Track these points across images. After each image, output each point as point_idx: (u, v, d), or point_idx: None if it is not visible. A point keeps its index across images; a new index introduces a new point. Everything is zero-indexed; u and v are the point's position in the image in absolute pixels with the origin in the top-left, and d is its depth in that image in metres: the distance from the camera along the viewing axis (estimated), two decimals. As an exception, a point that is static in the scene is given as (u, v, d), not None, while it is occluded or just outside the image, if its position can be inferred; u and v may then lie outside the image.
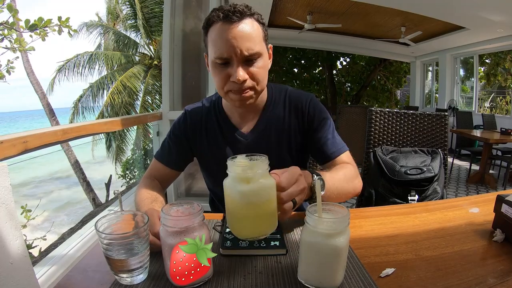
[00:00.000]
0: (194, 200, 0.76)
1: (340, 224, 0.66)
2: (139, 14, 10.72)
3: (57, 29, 2.90)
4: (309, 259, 0.69)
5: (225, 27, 0.97)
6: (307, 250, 0.69)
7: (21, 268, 0.64)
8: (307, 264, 0.70)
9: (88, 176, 10.49)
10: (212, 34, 1.01)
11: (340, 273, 0.68)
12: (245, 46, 0.97)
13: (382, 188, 1.79)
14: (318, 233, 0.66)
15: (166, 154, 1.26)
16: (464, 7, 5.63)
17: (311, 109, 1.22)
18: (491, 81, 10.39)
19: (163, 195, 1.15)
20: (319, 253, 0.67)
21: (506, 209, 0.87)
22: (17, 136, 1.30)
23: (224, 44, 0.97)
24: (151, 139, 9.01)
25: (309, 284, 0.69)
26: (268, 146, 1.21)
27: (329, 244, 0.65)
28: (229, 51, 0.98)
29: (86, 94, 11.05)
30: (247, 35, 0.98)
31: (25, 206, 3.42)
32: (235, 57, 0.99)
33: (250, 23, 0.99)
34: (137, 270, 0.71)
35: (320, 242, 0.66)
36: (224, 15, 0.96)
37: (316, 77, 14.73)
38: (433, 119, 1.92)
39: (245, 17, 0.98)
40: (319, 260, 0.67)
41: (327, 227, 0.66)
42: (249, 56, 1.00)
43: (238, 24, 0.97)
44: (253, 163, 0.80)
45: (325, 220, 0.67)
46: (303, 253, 0.71)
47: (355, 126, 4.42)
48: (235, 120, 1.22)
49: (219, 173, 1.26)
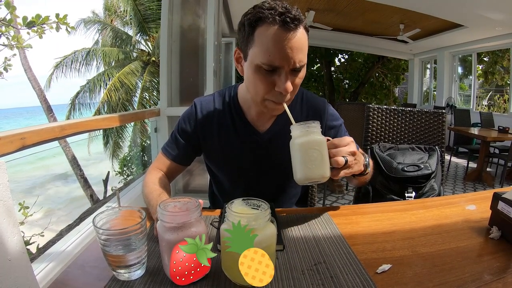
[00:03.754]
0: (192, 197, 0.76)
1: (313, 127, 0.87)
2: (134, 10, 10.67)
3: (55, 26, 2.89)
4: (303, 158, 0.86)
5: (282, 34, 0.90)
6: (299, 151, 0.86)
7: (19, 264, 0.64)
8: (303, 164, 0.86)
9: (86, 173, 10.48)
10: (263, 36, 0.92)
11: (328, 163, 0.86)
12: (298, 58, 0.93)
13: (379, 185, 1.80)
14: (301, 135, 0.87)
15: (172, 148, 1.23)
16: (462, 5, 5.63)
17: (329, 116, 1.23)
18: (489, 79, 10.42)
19: (169, 188, 1.16)
20: (310, 149, 0.85)
21: (503, 206, 0.87)
22: (14, 133, 1.30)
23: (279, 52, 0.91)
24: (148, 135, 9.00)
25: (310, 181, 0.87)
26: (283, 147, 1.20)
27: (314, 137, 0.86)
28: (283, 61, 0.92)
29: (83, 90, 11.01)
30: (301, 46, 0.93)
31: (23, 203, 3.42)
32: (286, 67, 0.94)
33: (304, 33, 0.95)
34: (134, 266, 0.71)
35: (307, 139, 0.86)
36: (281, 19, 0.89)
37: (314, 74, 14.70)
38: (430, 116, 1.93)
39: (301, 24, 0.93)
40: (311, 154, 0.85)
41: (306, 128, 0.87)
42: (299, 68, 0.97)
43: (295, 33, 0.91)
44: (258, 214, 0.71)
45: (304, 125, 0.88)
46: (298, 156, 0.87)
47: (353, 123, 4.42)
48: (251, 118, 1.19)
49: (228, 167, 1.26)
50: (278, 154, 1.17)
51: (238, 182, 1.28)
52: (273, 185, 1.27)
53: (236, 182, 1.29)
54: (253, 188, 1.26)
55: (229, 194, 1.31)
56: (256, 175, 1.24)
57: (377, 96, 14.22)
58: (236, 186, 1.29)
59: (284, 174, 1.23)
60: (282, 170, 1.20)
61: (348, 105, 5.57)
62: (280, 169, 1.21)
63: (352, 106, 5.02)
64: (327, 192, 4.35)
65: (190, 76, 3.40)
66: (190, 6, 3.37)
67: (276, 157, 1.19)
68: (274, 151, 1.19)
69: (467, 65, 9.90)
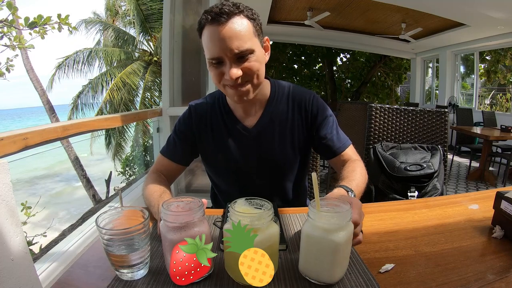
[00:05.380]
0: (194, 196, 0.76)
1: (340, 220, 0.66)
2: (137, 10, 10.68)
3: (57, 27, 2.90)
4: (308, 252, 0.70)
5: (213, 29, 1.00)
6: (307, 243, 0.70)
7: (22, 264, 0.65)
8: (306, 256, 0.71)
9: (88, 173, 10.51)
10: (204, 36, 1.04)
11: (338, 269, 0.69)
12: (234, 45, 1.00)
13: (382, 184, 1.80)
14: (317, 227, 0.67)
15: (171, 150, 1.28)
16: (464, 4, 5.61)
17: (314, 107, 1.25)
18: (492, 78, 10.37)
19: (170, 189, 1.18)
20: (317, 247, 0.67)
21: (506, 205, 0.87)
22: (17, 133, 1.30)
23: (214, 45, 1.01)
24: (151, 135, 9.01)
25: (307, 277, 0.70)
26: (272, 140, 1.23)
27: (327, 239, 0.65)
28: (219, 51, 1.01)
29: (85, 90, 11.03)
30: (235, 34, 1.00)
31: (25, 203, 3.42)
32: (226, 56, 1.02)
33: (238, 21, 1.01)
34: (137, 266, 0.71)
35: (318, 236, 0.67)
36: (211, 17, 1.00)
37: (316, 73, 14.69)
38: (433, 115, 1.92)
39: (233, 16, 1.00)
40: (317, 254, 0.67)
41: (326, 221, 0.67)
42: (240, 53, 1.02)
43: (225, 24, 0.99)
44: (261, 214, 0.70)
45: (325, 215, 0.67)
46: (303, 246, 0.72)
47: (355, 122, 4.40)
48: (239, 114, 1.24)
49: (223, 167, 1.29)
50: (269, 147, 1.23)
51: (233, 179, 1.31)
52: (269, 179, 1.29)
53: (232, 179, 1.32)
54: (249, 185, 1.29)
55: (227, 193, 1.36)
56: (251, 170, 1.27)
57: (379, 95, 14.19)
58: (233, 183, 1.32)
59: (277, 167, 1.26)
60: (275, 163, 1.25)
61: (350, 104, 5.56)
62: (273, 162, 1.25)
63: (354, 105, 5.00)
64: (330, 192, 4.34)
65: (192, 75, 3.40)
66: (192, 6, 3.37)
67: (268, 150, 1.23)
68: (264, 144, 1.24)
69: (469, 64, 9.87)
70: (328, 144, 1.24)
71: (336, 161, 1.26)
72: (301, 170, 1.33)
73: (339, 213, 0.67)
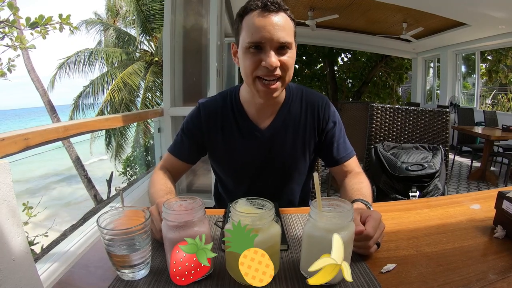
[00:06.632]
0: (196, 196, 0.76)
1: (341, 220, 0.66)
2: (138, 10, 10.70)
3: (58, 27, 2.90)
4: (309, 252, 0.70)
5: (262, 13, 1.01)
6: (308, 243, 0.70)
7: (23, 264, 0.65)
8: (307, 257, 0.71)
9: (89, 173, 10.52)
10: (248, 20, 1.04)
11: None
12: (280, 34, 1.01)
13: (383, 184, 1.79)
14: (319, 227, 0.67)
15: (178, 148, 1.28)
16: (465, 3, 5.60)
17: (326, 112, 1.25)
18: (493, 77, 10.36)
19: (175, 187, 1.19)
20: (319, 247, 0.67)
21: (507, 205, 0.87)
22: (18, 133, 1.30)
23: (261, 30, 1.01)
24: (152, 135, 9.02)
25: (309, 277, 0.69)
26: (284, 143, 1.23)
27: (328, 239, 0.64)
28: (265, 36, 1.01)
29: (86, 91, 11.04)
30: (282, 25, 1.02)
31: (27, 203, 3.43)
32: (269, 43, 1.02)
33: (285, 17, 1.04)
34: (138, 266, 0.71)
35: (320, 236, 0.67)
36: (263, 4, 1.01)
37: (317, 73, 14.70)
38: (434, 115, 1.92)
39: (282, 10, 1.03)
40: (319, 254, 0.65)
41: (327, 221, 0.67)
42: (283, 44, 1.03)
43: (275, 14, 1.02)
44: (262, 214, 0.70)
45: (326, 215, 0.67)
46: (305, 246, 0.72)
47: (356, 122, 4.39)
48: (252, 115, 1.22)
49: (231, 167, 1.28)
50: (280, 150, 1.22)
51: (241, 179, 1.30)
52: (277, 182, 1.29)
53: (239, 180, 1.31)
54: (256, 186, 1.29)
55: (233, 192, 1.34)
56: (259, 171, 1.26)
57: (380, 95, 14.19)
58: (240, 183, 1.31)
59: (287, 170, 1.25)
60: (285, 166, 1.24)
61: (352, 104, 5.55)
62: (282, 165, 1.25)
63: (356, 105, 4.99)
64: (331, 192, 4.35)
65: (193, 76, 3.41)
66: (193, 6, 3.38)
67: (279, 153, 1.22)
68: (276, 147, 1.22)
69: (471, 64, 9.85)
70: (333, 151, 1.24)
71: (337, 170, 1.27)
72: (308, 173, 1.33)
73: (341, 213, 0.68)
